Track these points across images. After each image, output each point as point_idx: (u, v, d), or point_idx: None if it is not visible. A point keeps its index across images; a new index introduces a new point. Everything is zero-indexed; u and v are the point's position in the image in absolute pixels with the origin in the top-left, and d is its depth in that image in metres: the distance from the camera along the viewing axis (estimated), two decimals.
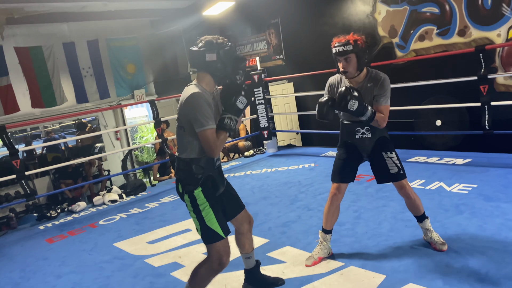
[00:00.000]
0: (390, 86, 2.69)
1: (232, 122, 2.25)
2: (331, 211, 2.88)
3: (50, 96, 8.33)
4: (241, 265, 2.99)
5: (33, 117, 8.20)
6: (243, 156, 7.04)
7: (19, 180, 4.76)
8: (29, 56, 8.07)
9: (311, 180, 4.92)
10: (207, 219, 2.26)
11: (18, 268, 3.61)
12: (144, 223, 4.38)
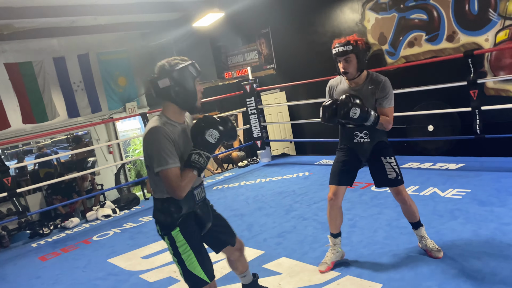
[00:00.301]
0: (391, 91, 2.70)
1: (201, 159, 1.97)
2: (333, 216, 2.87)
3: (41, 111, 8.28)
4: (236, 278, 2.96)
5: (24, 133, 8.14)
6: (237, 166, 7.02)
7: (10, 198, 4.70)
8: (19, 72, 8.03)
9: (306, 189, 4.90)
10: (188, 263, 2.06)
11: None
12: (138, 237, 4.33)
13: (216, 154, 7.57)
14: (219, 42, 9.44)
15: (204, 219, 2.17)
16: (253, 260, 3.23)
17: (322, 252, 3.14)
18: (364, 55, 2.62)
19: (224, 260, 3.29)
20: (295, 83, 6.86)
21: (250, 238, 3.71)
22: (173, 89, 2.00)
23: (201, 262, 2.07)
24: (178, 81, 2.00)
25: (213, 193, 5.56)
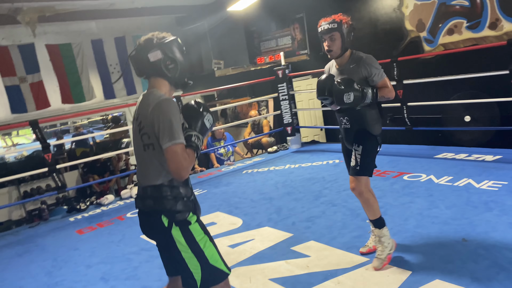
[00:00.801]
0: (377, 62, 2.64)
1: (199, 142, 1.81)
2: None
3: (79, 92, 8.56)
4: (265, 257, 3.03)
5: (63, 112, 8.45)
6: (267, 152, 7.06)
7: (50, 173, 4.92)
8: (59, 53, 8.31)
9: (336, 176, 4.89)
10: (210, 256, 1.81)
11: (51, 258, 3.75)
12: None
13: (246, 139, 7.63)
14: (253, 27, 9.42)
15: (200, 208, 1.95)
16: (281, 242, 3.28)
17: (351, 237, 3.15)
18: (348, 34, 2.62)
19: (253, 241, 3.38)
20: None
21: (279, 221, 3.76)
22: (164, 62, 1.85)
23: (219, 253, 1.87)
24: (170, 54, 1.86)
25: (242, 177, 5.63)
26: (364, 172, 2.65)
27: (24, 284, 3.26)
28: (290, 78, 6.70)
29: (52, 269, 3.49)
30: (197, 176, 6.22)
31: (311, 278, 2.67)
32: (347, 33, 2.62)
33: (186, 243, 1.79)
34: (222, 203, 4.59)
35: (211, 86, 8.15)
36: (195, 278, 1.80)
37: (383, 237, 2.69)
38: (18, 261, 3.80)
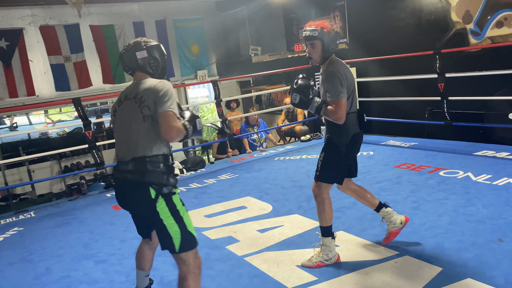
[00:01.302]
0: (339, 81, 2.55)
1: (190, 129, 2.09)
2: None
3: (120, 73, 8.79)
4: (294, 244, 3.05)
5: (103, 92, 8.72)
6: (299, 140, 7.04)
7: (90, 150, 5.12)
8: (102, 34, 8.55)
9: (369, 168, 4.83)
10: (188, 223, 2.09)
11: (88, 230, 3.93)
12: (202, 197, 4.56)
13: (280, 126, 7.63)
14: (292, 14, 9.32)
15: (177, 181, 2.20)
16: (310, 230, 3.29)
17: (382, 230, 3.11)
18: (330, 42, 2.59)
19: (282, 227, 3.41)
20: (367, 59, 6.66)
21: (309, 209, 3.76)
22: (149, 60, 2.24)
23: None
24: (153, 54, 2.25)
25: (274, 164, 5.66)
26: (322, 179, 2.74)
27: (62, 253, 3.44)
28: None
29: (89, 241, 3.66)
30: (229, 160, 6.30)
31: (338, 267, 2.68)
32: (329, 41, 2.59)
33: (169, 212, 2.05)
34: (253, 188, 4.64)
35: (247, 72, 8.18)
36: (174, 243, 2.06)
37: (325, 246, 2.71)
38: (58, 232, 4.00)
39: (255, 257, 2.95)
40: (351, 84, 2.66)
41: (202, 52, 9.97)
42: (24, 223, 4.39)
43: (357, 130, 2.72)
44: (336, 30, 2.65)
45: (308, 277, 2.60)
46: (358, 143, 2.79)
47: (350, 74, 2.66)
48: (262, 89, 9.23)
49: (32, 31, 7.93)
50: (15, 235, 4.08)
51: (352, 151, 2.77)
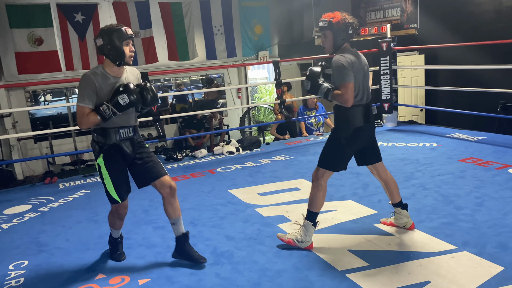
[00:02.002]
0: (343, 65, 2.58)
1: (108, 111, 2.49)
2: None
3: (184, 50, 9.02)
4: (346, 229, 3.04)
5: (168, 68, 9.00)
6: None
7: (155, 123, 5.34)
8: (170, 11, 8.78)
9: (431, 160, 4.64)
10: (107, 186, 2.66)
11: (148, 198, 4.14)
12: (256, 176, 4.63)
13: None
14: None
15: (126, 152, 2.66)
16: (364, 217, 3.25)
17: (440, 223, 3.01)
18: (339, 33, 2.65)
19: (335, 211, 3.39)
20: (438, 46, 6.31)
21: (364, 196, 3.70)
22: (106, 47, 2.51)
23: (116, 186, 2.66)
24: (108, 40, 2.49)
25: None
26: (320, 164, 2.81)
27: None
28: (394, 52, 6.36)
29: (148, 208, 3.87)
30: (285, 142, 6.32)
31: (391, 256, 2.63)
32: (338, 32, 2.64)
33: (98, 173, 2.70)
34: (307, 171, 4.63)
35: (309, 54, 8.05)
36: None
37: (304, 229, 2.77)
38: None
39: None
40: (359, 73, 2.66)
41: (265, 33, 9.95)
42: (91, 187, 4.72)
43: (360, 123, 2.71)
44: (349, 21, 2.66)
45: (359, 262, 2.58)
46: (362, 136, 2.76)
47: (359, 64, 2.67)
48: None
49: (106, 7, 8.32)
50: (82, 196, 4.40)
51: (354, 143, 2.75)
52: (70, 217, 3.80)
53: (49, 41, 7.69)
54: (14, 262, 2.95)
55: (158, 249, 3.00)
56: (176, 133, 9.37)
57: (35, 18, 7.60)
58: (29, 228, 3.62)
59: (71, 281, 2.65)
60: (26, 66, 7.60)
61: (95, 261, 2.89)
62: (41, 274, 2.76)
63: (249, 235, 3.10)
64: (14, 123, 7.79)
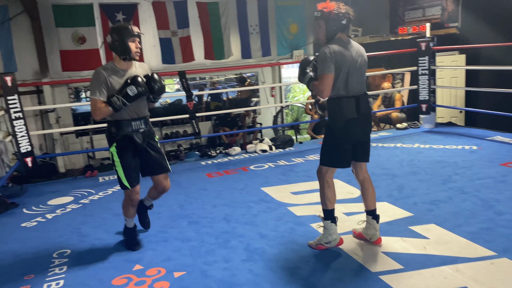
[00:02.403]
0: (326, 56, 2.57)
1: (118, 102, 2.71)
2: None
3: (220, 49, 9.12)
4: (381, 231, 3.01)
5: (204, 67, 9.13)
6: (395, 127, 6.76)
7: (191, 120, 5.46)
8: (207, 11, 8.90)
9: (470, 163, 4.50)
10: (118, 173, 2.89)
11: (184, 193, 4.24)
12: (289, 174, 4.64)
13: (375, 111, 7.38)
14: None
15: (137, 143, 2.88)
16: (399, 219, 3.20)
17: (478, 228, 2.93)
18: (331, 23, 2.62)
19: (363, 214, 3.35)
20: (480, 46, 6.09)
21: (400, 198, 3.65)
22: (113, 43, 2.76)
23: (127, 174, 2.88)
24: (116, 37, 2.74)
25: None
26: (322, 162, 2.79)
27: (161, 211, 3.77)
28: (433, 52, 6.20)
29: (184, 203, 3.97)
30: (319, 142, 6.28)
31: (427, 259, 2.58)
32: (330, 22, 2.62)
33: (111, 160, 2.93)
34: (341, 171, 4.51)
35: None
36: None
37: (326, 229, 2.77)
38: None
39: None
40: (346, 64, 2.61)
41: (300, 32, 9.91)
42: None
43: (352, 115, 2.67)
44: (342, 11, 2.62)
45: (394, 264, 2.55)
46: (356, 128, 2.70)
47: (348, 55, 2.62)
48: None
49: (145, 6, 8.53)
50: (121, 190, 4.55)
51: (348, 135, 2.70)
52: (109, 209, 3.95)
53: (92, 40, 7.98)
54: (58, 251, 3.11)
55: (193, 243, 3.07)
56: (210, 130, 9.49)
57: (79, 18, 7.90)
58: (71, 218, 3.79)
59: (111, 271, 2.76)
60: (69, 64, 7.93)
61: (132, 253, 3.00)
62: (82, 263, 2.90)
63: (282, 233, 3.13)
64: (58, 118, 8.12)
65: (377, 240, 2.81)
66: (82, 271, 2.78)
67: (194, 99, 5.56)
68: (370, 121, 2.86)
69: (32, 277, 2.75)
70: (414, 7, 8.58)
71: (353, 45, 2.72)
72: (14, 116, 4.61)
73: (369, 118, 2.82)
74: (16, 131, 4.63)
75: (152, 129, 3.07)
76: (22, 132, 4.68)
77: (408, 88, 6.80)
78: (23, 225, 3.71)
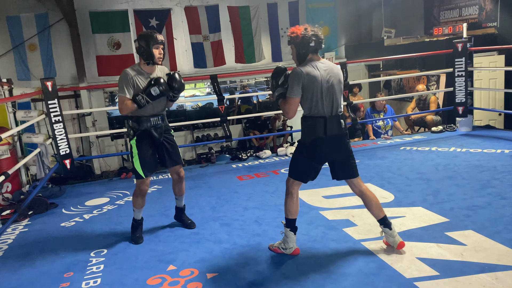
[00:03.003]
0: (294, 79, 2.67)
1: (142, 100, 3.03)
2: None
3: (251, 53, 9.20)
4: (415, 237, 2.94)
5: (235, 70, 9.22)
6: (430, 131, 6.59)
7: (222, 123, 5.51)
8: (238, 15, 9.00)
9: (510, 167, 4.33)
10: (134, 162, 3.18)
11: (215, 195, 4.29)
12: (321, 178, 4.51)
13: (409, 114, 7.22)
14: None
15: (155, 137, 3.20)
16: (435, 225, 3.12)
17: None
18: (300, 46, 2.70)
19: (403, 217, 3.30)
20: None
21: (435, 203, 3.55)
22: (139, 49, 3.08)
23: (142, 164, 3.17)
24: (142, 44, 3.06)
25: (399, 153, 5.42)
26: (289, 173, 2.87)
27: (194, 213, 3.82)
28: (471, 53, 6.02)
29: (215, 205, 4.01)
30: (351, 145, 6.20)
31: (464, 266, 2.50)
32: (299, 46, 2.71)
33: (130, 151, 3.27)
34: (374, 175, 4.53)
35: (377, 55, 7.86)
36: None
37: (285, 236, 2.86)
38: (190, 193, 4.43)
39: (373, 243, 2.92)
40: (315, 85, 2.65)
41: (332, 34, 9.85)
42: (163, 183, 4.98)
43: (319, 135, 2.71)
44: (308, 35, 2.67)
45: (429, 270, 2.48)
46: (323, 148, 2.74)
47: (318, 76, 2.66)
48: (392, 74, 8.80)
49: (178, 11, 8.72)
50: (155, 192, 4.66)
51: (314, 154, 2.76)
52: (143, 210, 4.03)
53: (126, 45, 8.22)
54: (95, 250, 3.21)
55: (225, 245, 3.10)
56: (241, 133, 9.56)
57: (115, 24, 8.17)
58: (107, 219, 3.91)
59: (145, 270, 2.82)
60: (105, 69, 8.20)
61: (166, 253, 3.06)
62: (118, 263, 2.98)
63: (314, 237, 3.11)
64: (94, 122, 8.41)
65: (399, 245, 2.77)
66: (118, 270, 2.86)
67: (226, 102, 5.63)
68: (344, 141, 2.80)
69: (71, 274, 2.85)
70: (450, 7, 8.36)
71: (327, 66, 2.74)
72: (54, 119, 4.80)
73: (343, 139, 2.78)
74: (56, 134, 4.82)
75: (168, 124, 3.37)
76: (62, 135, 4.87)
77: (444, 90, 6.61)
78: (62, 224, 3.86)
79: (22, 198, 4.48)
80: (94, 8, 8.06)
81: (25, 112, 5.07)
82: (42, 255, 3.22)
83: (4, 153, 4.80)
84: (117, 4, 8.28)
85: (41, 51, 8.02)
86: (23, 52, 7.95)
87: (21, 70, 7.97)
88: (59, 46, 8.10)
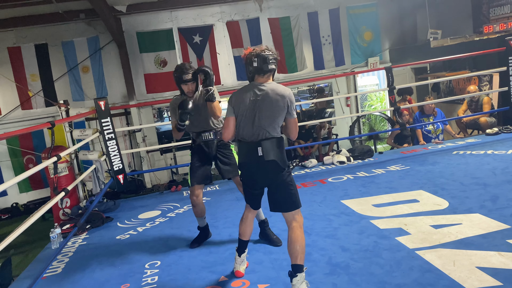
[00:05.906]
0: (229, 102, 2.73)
1: (180, 126, 3.29)
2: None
3: (293, 63, 9.20)
4: (473, 245, 2.81)
5: (277, 81, 9.23)
6: (484, 133, 6.28)
7: None
8: (278, 26, 9.06)
9: None
10: (188, 172, 3.46)
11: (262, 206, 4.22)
12: (370, 186, 4.51)
13: (461, 117, 6.92)
14: None
15: (207, 151, 3.45)
16: (495, 232, 2.96)
17: None
18: (247, 67, 2.70)
19: (460, 225, 3.16)
20: None
21: (494, 209, 3.37)
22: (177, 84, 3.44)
23: (192, 173, 3.44)
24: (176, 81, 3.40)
25: (452, 158, 5.20)
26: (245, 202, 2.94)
27: None
28: None
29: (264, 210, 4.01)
30: (400, 151, 6.03)
31: None
32: (247, 66, 2.71)
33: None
34: (427, 182, 4.37)
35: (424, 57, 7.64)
36: None
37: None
38: (237, 204, 4.49)
39: (428, 252, 2.81)
40: (243, 109, 2.62)
41: (375, 39, 9.67)
42: (211, 194, 5.07)
43: (245, 159, 2.69)
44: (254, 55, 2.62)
45: (491, 281, 2.36)
46: (248, 173, 2.71)
47: (248, 100, 2.61)
48: (441, 76, 8.48)
49: (220, 27, 8.91)
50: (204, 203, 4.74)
51: (243, 177, 2.80)
52: (194, 222, 4.11)
53: (172, 62, 8.49)
54: (149, 262, 3.32)
55: (275, 256, 3.10)
56: (286, 143, 9.55)
57: (160, 42, 8.48)
58: (160, 231, 4.03)
59: (198, 281, 2.88)
60: (153, 86, 8.52)
61: (217, 264, 3.10)
62: (172, 274, 3.06)
63: (365, 247, 3.04)
64: (144, 137, 8.72)
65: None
66: (172, 282, 2.93)
67: None
68: (273, 169, 2.60)
69: (128, 286, 2.96)
70: (500, 3, 7.98)
71: (266, 89, 2.61)
72: (107, 137, 5.04)
73: (272, 165, 2.58)
74: (109, 151, 5.05)
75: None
76: (115, 151, 5.10)
77: (498, 90, 6.28)
78: (118, 237, 4.02)
79: (80, 212, 4.73)
80: (141, 29, 8.42)
81: (81, 131, 5.36)
82: (100, 267, 3.36)
83: (63, 170, 5.08)
84: (162, 23, 8.60)
85: (93, 72, 8.47)
86: (77, 74, 8.43)
87: (75, 91, 8.44)
88: (109, 66, 8.51)
